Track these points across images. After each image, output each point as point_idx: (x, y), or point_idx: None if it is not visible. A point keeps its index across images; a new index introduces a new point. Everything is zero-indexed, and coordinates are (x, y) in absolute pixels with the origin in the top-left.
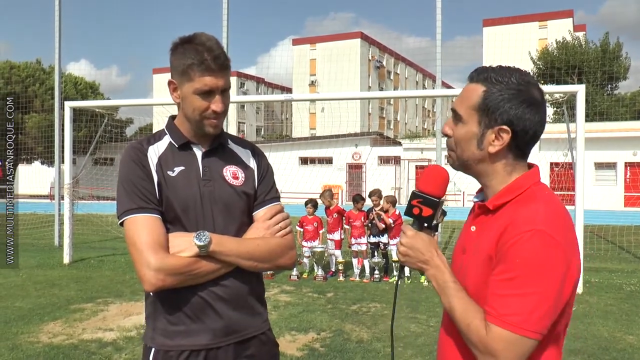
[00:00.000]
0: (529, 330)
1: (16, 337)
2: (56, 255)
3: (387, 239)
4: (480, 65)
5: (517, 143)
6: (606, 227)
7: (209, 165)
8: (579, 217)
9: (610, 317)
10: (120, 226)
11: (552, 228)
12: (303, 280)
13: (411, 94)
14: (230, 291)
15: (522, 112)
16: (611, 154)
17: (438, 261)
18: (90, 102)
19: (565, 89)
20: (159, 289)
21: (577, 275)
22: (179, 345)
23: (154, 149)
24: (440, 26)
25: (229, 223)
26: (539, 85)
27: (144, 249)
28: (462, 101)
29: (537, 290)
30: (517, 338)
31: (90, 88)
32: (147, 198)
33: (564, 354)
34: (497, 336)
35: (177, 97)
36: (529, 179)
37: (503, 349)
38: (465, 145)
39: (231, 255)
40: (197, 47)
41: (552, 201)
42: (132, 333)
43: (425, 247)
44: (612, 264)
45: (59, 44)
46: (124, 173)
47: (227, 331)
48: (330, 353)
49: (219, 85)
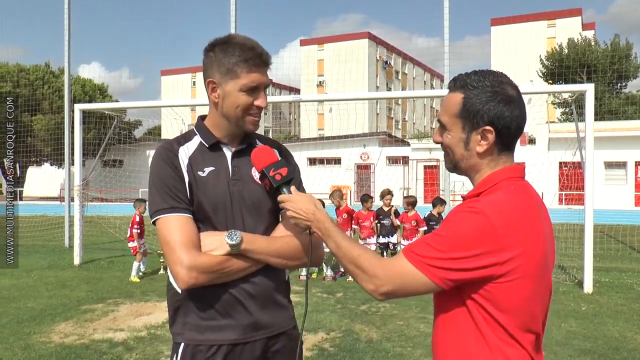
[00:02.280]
0: (426, 267)
1: (29, 337)
2: (67, 257)
3: (396, 239)
4: (460, 73)
5: (501, 139)
6: (617, 227)
7: (238, 165)
8: (589, 216)
9: (621, 317)
10: (153, 225)
11: (493, 213)
12: (312, 281)
13: (419, 94)
14: (259, 288)
15: (501, 110)
16: (621, 153)
17: (319, 215)
18: (99, 105)
19: (574, 88)
20: (191, 287)
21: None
22: (208, 339)
23: (185, 149)
24: (447, 26)
25: (258, 222)
26: (512, 82)
27: (177, 247)
28: (444, 111)
29: (451, 254)
30: (411, 269)
31: (99, 90)
32: (179, 198)
33: (575, 353)
34: (397, 263)
35: (216, 97)
36: (502, 174)
37: (392, 275)
38: (454, 149)
39: (261, 254)
40: (241, 46)
41: (513, 194)
42: (143, 333)
43: (306, 204)
44: (623, 263)
45: (68, 47)
46: (156, 173)
47: (256, 327)
48: (340, 353)
49: (263, 81)
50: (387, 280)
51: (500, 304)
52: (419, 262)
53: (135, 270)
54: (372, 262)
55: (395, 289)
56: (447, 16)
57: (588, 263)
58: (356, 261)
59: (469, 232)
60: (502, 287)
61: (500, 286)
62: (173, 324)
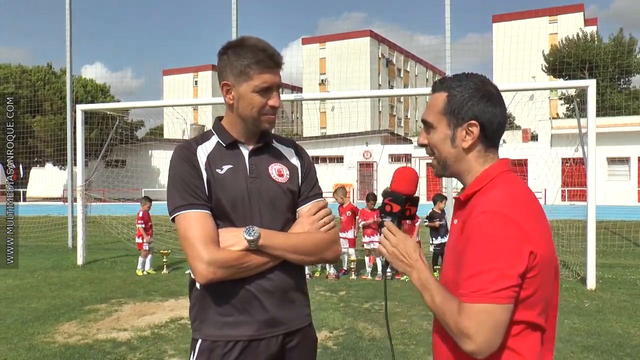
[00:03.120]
0: (492, 296)
1: (33, 338)
2: (70, 257)
3: None
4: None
5: (485, 134)
6: (620, 223)
7: (256, 163)
8: (591, 212)
9: (624, 313)
10: (172, 222)
11: (507, 207)
12: (315, 279)
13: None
14: (275, 284)
15: (484, 106)
16: (624, 148)
17: (421, 264)
18: (101, 105)
19: (576, 83)
20: (210, 281)
21: (538, 250)
22: (225, 335)
23: (203, 148)
24: (449, 23)
25: (275, 218)
26: (493, 83)
27: (196, 243)
28: (429, 110)
29: (496, 265)
30: (485, 308)
31: (101, 90)
32: (197, 195)
33: (578, 350)
34: (467, 312)
35: (231, 99)
36: (496, 169)
37: (475, 325)
38: (441, 147)
39: (279, 249)
40: (253, 48)
41: (513, 186)
42: (146, 333)
43: (412, 251)
44: (626, 259)
45: (70, 48)
46: (175, 171)
47: (272, 323)
48: (343, 351)
49: (276, 81)
50: (479, 336)
51: (525, 299)
52: (483, 297)
53: (141, 264)
54: (457, 324)
55: (490, 336)
56: (449, 13)
57: (591, 259)
58: (445, 319)
59: (496, 236)
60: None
61: (529, 281)
62: (193, 320)
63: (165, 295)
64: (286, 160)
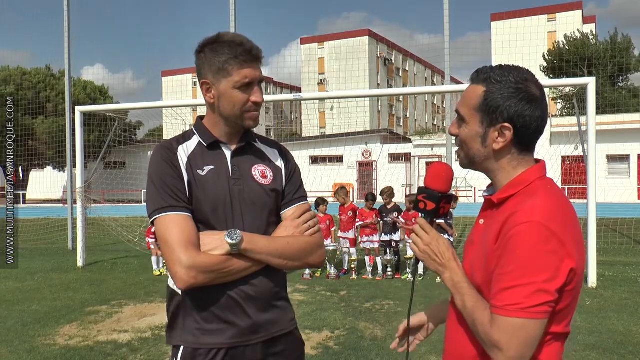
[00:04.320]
0: (528, 311)
1: (33, 340)
2: (70, 259)
3: (398, 237)
4: (484, 65)
5: (520, 139)
6: (620, 220)
7: (238, 164)
8: (592, 210)
9: (625, 311)
10: (151, 224)
11: (548, 219)
12: (316, 279)
13: (421, 90)
14: (259, 290)
15: (522, 109)
16: (624, 146)
17: (454, 264)
18: (100, 107)
19: (575, 82)
20: (191, 287)
21: (577, 265)
22: (208, 343)
23: (184, 148)
24: (448, 22)
25: (258, 221)
26: (537, 81)
27: (176, 246)
28: (464, 103)
29: (534, 280)
30: (519, 323)
31: (100, 92)
32: (178, 197)
33: (579, 348)
34: (499, 325)
35: (211, 97)
36: (533, 174)
37: (508, 339)
38: (471, 144)
39: (262, 254)
40: (230, 44)
41: (553, 194)
42: (147, 334)
43: (445, 250)
44: (627, 257)
45: (68, 50)
46: (155, 172)
47: (256, 329)
48: (345, 351)
49: (256, 76)
50: (508, 347)
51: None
52: (518, 312)
53: (155, 264)
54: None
55: (521, 351)
56: (447, 12)
57: (592, 257)
58: (475, 327)
59: (537, 250)
60: (566, 291)
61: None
62: (173, 328)
63: (165, 296)
64: (270, 161)
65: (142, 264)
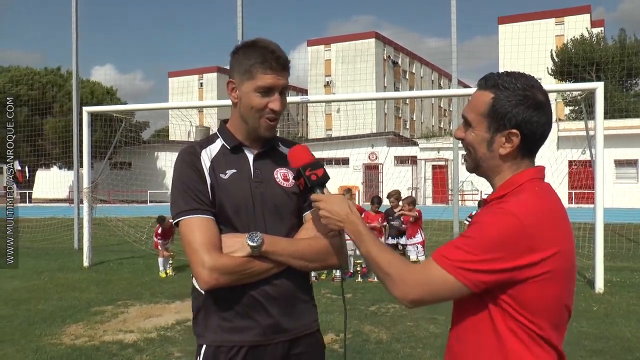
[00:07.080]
0: (458, 270)
1: (39, 339)
2: (76, 259)
3: (405, 240)
4: (491, 70)
5: (526, 144)
6: (628, 226)
7: (260, 167)
8: (599, 215)
9: (633, 317)
10: (175, 226)
11: (522, 214)
12: (321, 282)
13: (427, 93)
14: (280, 290)
15: (530, 115)
16: (632, 151)
17: (353, 217)
18: (107, 107)
19: (583, 86)
20: (213, 287)
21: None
22: (229, 340)
23: (207, 152)
24: (455, 25)
25: (280, 224)
26: (542, 87)
27: (199, 248)
28: (471, 108)
29: (484, 257)
30: (442, 274)
31: (108, 93)
32: (201, 200)
33: (586, 354)
34: (425, 267)
35: (235, 97)
36: (525, 176)
37: (419, 279)
38: (477, 148)
39: (283, 255)
40: (262, 49)
41: (539, 195)
42: (153, 335)
43: (340, 206)
44: (634, 262)
45: (76, 50)
46: (178, 176)
47: (277, 329)
48: (350, 354)
49: (278, 83)
50: (415, 287)
51: (530, 306)
52: (449, 265)
53: (162, 265)
54: (400, 269)
55: (424, 295)
56: (455, 15)
57: (599, 262)
58: (385, 267)
59: (499, 234)
60: (534, 287)
61: (533, 287)
62: (196, 326)
63: (171, 297)
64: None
65: (148, 264)
